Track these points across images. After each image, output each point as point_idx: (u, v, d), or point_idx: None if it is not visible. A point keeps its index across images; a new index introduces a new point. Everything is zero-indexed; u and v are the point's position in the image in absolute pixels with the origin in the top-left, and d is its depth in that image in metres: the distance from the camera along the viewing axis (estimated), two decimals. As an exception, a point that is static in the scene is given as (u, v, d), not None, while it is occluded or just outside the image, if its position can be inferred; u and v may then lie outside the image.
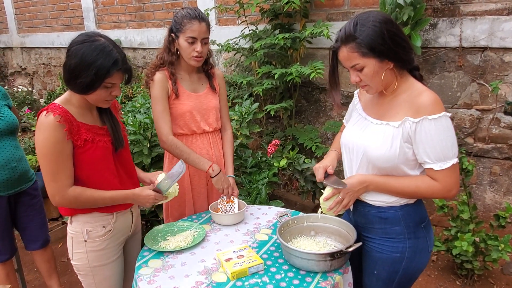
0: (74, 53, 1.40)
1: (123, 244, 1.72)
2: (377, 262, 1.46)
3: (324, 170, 1.51)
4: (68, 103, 1.49)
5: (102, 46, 1.41)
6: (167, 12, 4.55)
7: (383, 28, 1.25)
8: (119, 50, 1.45)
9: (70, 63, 1.41)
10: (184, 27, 1.79)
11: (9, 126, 2.15)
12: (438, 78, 2.99)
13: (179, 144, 1.88)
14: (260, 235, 1.72)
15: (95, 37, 1.44)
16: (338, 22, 3.25)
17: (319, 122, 3.65)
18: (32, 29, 6.29)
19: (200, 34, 1.80)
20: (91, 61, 1.38)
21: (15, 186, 2.20)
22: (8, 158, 2.14)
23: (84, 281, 1.65)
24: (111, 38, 1.49)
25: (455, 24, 2.81)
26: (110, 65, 1.40)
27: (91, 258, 1.59)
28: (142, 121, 2.72)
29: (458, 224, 2.48)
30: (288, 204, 3.21)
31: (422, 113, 1.27)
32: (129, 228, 1.71)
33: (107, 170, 1.57)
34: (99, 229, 1.58)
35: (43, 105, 5.47)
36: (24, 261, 2.90)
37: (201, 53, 1.82)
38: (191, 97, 1.93)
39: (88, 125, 1.51)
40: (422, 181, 1.34)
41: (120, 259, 1.69)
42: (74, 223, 1.58)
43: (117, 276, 1.68)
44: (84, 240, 1.57)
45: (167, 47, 1.89)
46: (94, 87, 1.42)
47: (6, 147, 2.14)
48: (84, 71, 1.38)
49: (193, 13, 1.80)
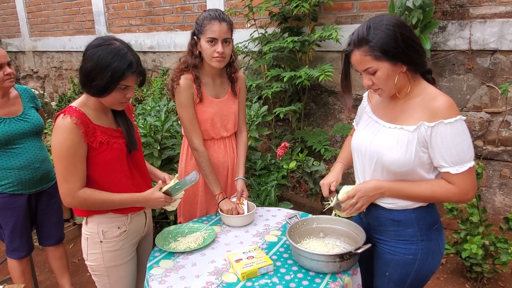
0: (90, 56, 1.44)
1: (137, 245, 1.75)
2: (389, 264, 1.46)
3: (328, 187, 1.55)
4: (85, 106, 1.52)
5: (117, 49, 1.44)
6: (177, 16, 4.60)
7: (396, 32, 1.26)
8: (133, 53, 1.49)
9: (86, 66, 1.44)
10: (204, 28, 1.79)
11: (35, 127, 2.21)
12: (448, 81, 2.98)
13: (206, 158, 1.93)
14: (269, 237, 1.74)
15: (111, 40, 1.47)
16: (347, 25, 3.26)
17: (328, 125, 3.66)
18: (44, 33, 6.39)
19: (221, 35, 1.78)
20: (107, 64, 1.41)
21: (37, 186, 2.26)
22: (32, 159, 2.19)
23: (99, 281, 1.67)
24: (125, 42, 1.52)
25: (464, 27, 2.81)
26: (125, 67, 1.43)
27: (107, 258, 1.61)
28: (153, 124, 2.76)
29: (467, 227, 2.47)
30: (297, 206, 3.22)
31: (438, 117, 1.27)
32: (142, 229, 1.74)
33: (121, 172, 1.60)
34: (115, 229, 1.61)
35: (55, 108, 5.55)
36: (36, 261, 2.95)
37: (222, 53, 1.79)
38: (213, 104, 1.94)
39: (103, 128, 1.55)
40: (438, 185, 1.34)
41: (134, 259, 1.72)
42: (89, 224, 1.60)
43: (131, 277, 1.71)
44: (100, 241, 1.60)
45: (190, 50, 1.89)
46: (110, 90, 1.46)
47: (31, 148, 2.20)
48: (100, 73, 1.42)
49: (213, 14, 1.79)
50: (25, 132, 2.17)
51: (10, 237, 2.27)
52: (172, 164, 2.79)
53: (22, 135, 2.16)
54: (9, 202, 2.18)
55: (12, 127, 2.12)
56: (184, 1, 4.47)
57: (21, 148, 2.16)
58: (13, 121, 2.14)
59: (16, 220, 2.23)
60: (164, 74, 4.73)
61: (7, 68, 2.06)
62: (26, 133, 2.18)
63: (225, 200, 1.91)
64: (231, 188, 2.09)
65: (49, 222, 2.41)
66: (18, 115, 2.18)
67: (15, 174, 2.15)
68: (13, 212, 2.21)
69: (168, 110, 3.12)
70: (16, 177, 2.16)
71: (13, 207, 2.20)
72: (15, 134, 2.13)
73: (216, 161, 2.02)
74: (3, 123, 2.11)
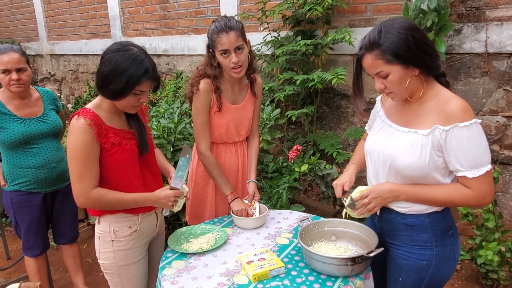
0: (108, 60, 1.47)
1: (148, 244, 1.77)
2: (403, 269, 1.45)
3: (341, 187, 1.54)
4: (99, 108, 1.56)
5: (135, 56, 1.47)
6: (191, 19, 4.65)
7: (408, 35, 1.25)
8: (150, 59, 1.52)
9: (103, 69, 1.48)
10: (215, 42, 1.78)
11: (53, 129, 2.29)
12: (463, 84, 2.94)
13: (213, 162, 1.94)
14: (281, 239, 1.74)
15: (129, 46, 1.50)
16: (361, 28, 3.25)
17: (340, 128, 3.65)
18: (61, 37, 6.53)
19: (231, 45, 1.76)
20: (124, 69, 1.45)
21: (53, 185, 2.32)
22: (48, 159, 2.26)
23: (111, 280, 1.70)
24: (142, 48, 1.55)
25: (480, 30, 2.77)
26: (141, 74, 1.46)
27: (118, 257, 1.64)
28: (166, 126, 2.80)
29: (483, 233, 2.43)
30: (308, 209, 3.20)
31: (452, 120, 1.25)
32: (153, 229, 1.76)
33: (133, 173, 1.62)
34: (126, 229, 1.63)
35: (70, 110, 5.66)
36: (51, 260, 3.01)
37: (237, 62, 1.78)
38: (230, 110, 1.95)
39: (116, 129, 1.58)
40: (454, 189, 1.32)
41: (145, 259, 1.74)
42: (102, 223, 1.64)
43: (142, 276, 1.73)
44: (111, 240, 1.62)
45: (208, 62, 1.87)
46: (124, 94, 1.49)
47: (48, 148, 2.27)
48: (116, 78, 1.45)
49: (219, 26, 1.77)
50: (44, 133, 2.24)
51: (26, 235, 2.33)
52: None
53: (40, 136, 2.23)
54: (26, 200, 2.25)
55: (31, 127, 2.20)
56: (198, 5, 4.52)
57: (38, 148, 2.23)
58: (32, 122, 2.22)
59: (32, 218, 2.29)
60: (178, 77, 4.78)
61: (14, 74, 2.12)
62: (44, 134, 2.25)
63: (236, 200, 1.91)
64: (242, 191, 2.10)
65: (63, 221, 2.46)
66: (38, 116, 2.25)
67: (32, 173, 2.22)
68: (29, 210, 2.28)
69: (181, 112, 3.15)
70: (33, 176, 2.22)
71: (29, 205, 2.27)
72: (34, 134, 2.20)
73: (228, 165, 2.04)
74: (23, 123, 2.18)
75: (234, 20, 1.80)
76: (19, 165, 2.20)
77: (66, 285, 2.92)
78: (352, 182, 1.57)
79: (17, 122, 2.17)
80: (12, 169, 2.22)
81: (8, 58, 2.11)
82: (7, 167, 2.23)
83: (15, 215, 2.29)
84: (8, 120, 2.16)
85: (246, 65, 1.86)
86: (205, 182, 2.06)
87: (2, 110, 2.16)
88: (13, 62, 2.12)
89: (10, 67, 2.12)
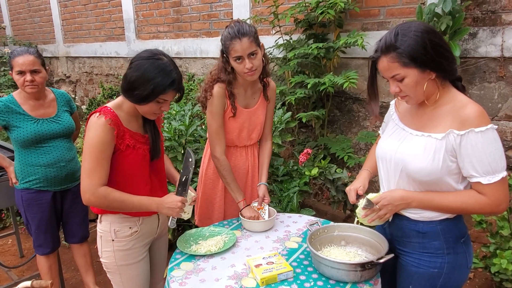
0: (138, 67, 1.49)
1: (149, 245, 1.77)
2: (413, 277, 1.42)
3: (355, 192, 1.52)
4: (119, 108, 1.57)
5: (164, 66, 1.50)
6: (203, 23, 4.68)
7: (425, 38, 1.23)
8: (177, 71, 1.54)
9: (131, 75, 1.49)
10: (228, 48, 1.78)
11: (65, 129, 2.35)
12: (478, 88, 2.89)
13: (227, 167, 1.94)
14: (290, 243, 1.73)
15: (159, 55, 1.53)
16: (373, 32, 3.22)
17: (351, 132, 3.62)
18: (77, 40, 6.64)
19: (244, 51, 1.76)
20: (151, 77, 1.47)
21: (62, 184, 2.37)
22: (58, 158, 2.31)
23: (113, 279, 1.72)
24: (172, 59, 1.57)
25: (496, 34, 2.72)
26: (167, 84, 1.49)
27: (118, 257, 1.65)
28: (177, 128, 2.81)
29: (497, 241, 2.37)
30: (318, 213, 3.19)
31: (468, 125, 1.23)
32: (155, 230, 1.76)
33: (141, 177, 1.63)
34: (126, 229, 1.64)
35: (85, 111, 5.74)
36: (63, 259, 3.05)
37: (251, 68, 1.78)
38: (242, 114, 1.96)
39: (132, 132, 1.59)
40: (468, 196, 1.30)
41: (146, 259, 1.75)
42: (103, 222, 1.65)
43: (143, 276, 1.73)
44: (111, 239, 1.64)
45: (223, 67, 1.87)
46: (148, 100, 1.51)
47: (59, 147, 2.32)
48: (143, 85, 1.47)
49: (232, 32, 1.76)
50: (55, 133, 2.30)
51: (36, 233, 2.38)
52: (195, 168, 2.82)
53: (52, 136, 2.29)
54: (35, 198, 2.31)
55: (44, 127, 2.26)
56: (211, 9, 4.55)
57: (49, 147, 2.29)
58: (45, 122, 2.28)
59: (41, 216, 2.34)
60: (190, 79, 4.82)
61: (28, 75, 2.19)
62: (56, 134, 2.31)
63: (248, 207, 1.91)
64: (251, 194, 2.10)
65: (73, 220, 2.50)
66: (51, 117, 2.32)
67: (41, 171, 2.27)
68: (39, 208, 2.33)
69: (193, 115, 3.17)
70: (43, 174, 2.28)
71: (39, 203, 2.32)
72: (46, 134, 2.26)
73: (238, 167, 2.05)
74: (36, 123, 2.25)
75: (247, 25, 1.79)
76: (30, 163, 2.26)
77: (77, 284, 2.95)
78: (365, 187, 1.55)
79: (30, 122, 2.23)
80: (23, 167, 2.28)
81: (23, 60, 2.17)
82: (19, 165, 2.29)
83: (26, 213, 2.35)
84: (23, 120, 2.23)
85: (260, 69, 1.85)
86: (214, 183, 2.07)
87: (17, 110, 2.23)
88: (28, 63, 2.18)
89: (25, 69, 2.18)
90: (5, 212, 3.90)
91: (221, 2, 4.41)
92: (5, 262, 3.20)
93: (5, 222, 3.89)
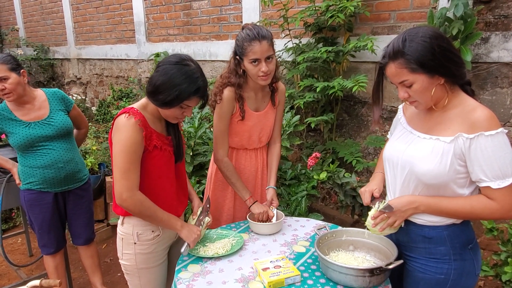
0: (165, 71, 1.49)
1: (168, 249, 1.78)
2: (420, 283, 1.41)
3: (370, 194, 1.50)
4: (144, 109, 1.58)
5: (191, 72, 1.49)
6: (213, 26, 4.70)
7: (433, 43, 1.22)
8: (203, 78, 1.53)
9: (157, 78, 1.49)
10: (245, 50, 1.75)
11: (58, 131, 2.30)
12: (490, 94, 2.86)
13: (230, 168, 1.94)
14: (297, 247, 1.72)
15: (187, 61, 1.52)
16: (384, 36, 3.21)
17: (360, 137, 3.60)
18: (88, 42, 6.72)
19: (263, 54, 1.74)
20: (177, 83, 1.47)
21: (62, 185, 2.37)
22: (56, 159, 2.30)
23: (130, 281, 1.72)
24: (199, 66, 1.56)
25: (509, 39, 2.69)
26: (192, 91, 1.49)
27: (139, 260, 1.65)
28: (186, 130, 2.82)
29: (508, 249, 2.33)
30: (326, 218, 3.17)
31: (478, 129, 1.22)
32: (174, 234, 1.77)
33: (167, 179, 1.64)
34: (149, 233, 1.64)
35: (95, 113, 5.80)
36: (71, 259, 3.07)
37: (267, 72, 1.77)
38: (252, 117, 1.95)
39: (157, 133, 1.60)
40: (477, 201, 1.28)
41: (165, 263, 1.75)
42: (125, 224, 1.65)
43: (161, 280, 1.74)
44: (133, 242, 1.64)
45: (234, 70, 1.86)
46: (172, 105, 1.51)
47: (56, 148, 2.30)
48: (168, 90, 1.47)
49: (252, 34, 1.74)
50: (48, 135, 2.27)
51: (40, 233, 2.40)
52: (203, 170, 2.83)
53: (45, 138, 2.26)
54: (37, 198, 2.32)
55: (35, 131, 2.23)
56: (221, 12, 4.57)
57: (45, 149, 2.27)
58: (37, 125, 2.25)
59: (44, 216, 2.35)
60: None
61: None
62: (49, 137, 2.27)
63: (256, 203, 1.91)
64: (260, 197, 2.09)
65: (77, 222, 2.51)
66: (43, 119, 2.28)
67: (40, 173, 2.28)
68: (41, 209, 2.34)
69: (202, 117, 3.18)
70: (41, 176, 2.28)
71: (40, 204, 2.33)
72: (38, 137, 2.24)
73: (247, 170, 2.05)
74: (27, 128, 2.23)
75: (265, 29, 1.79)
76: (29, 165, 2.28)
77: (85, 284, 2.97)
78: (380, 189, 1.53)
79: (22, 127, 2.22)
80: (24, 169, 2.30)
81: None
82: (21, 167, 2.31)
83: (29, 213, 2.37)
84: (15, 125, 2.22)
85: (273, 74, 1.85)
86: (223, 186, 2.07)
87: (9, 116, 2.22)
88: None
89: None
90: (15, 211, 3.95)
91: (231, 6, 4.43)
92: (15, 260, 3.23)
93: (15, 221, 3.94)
